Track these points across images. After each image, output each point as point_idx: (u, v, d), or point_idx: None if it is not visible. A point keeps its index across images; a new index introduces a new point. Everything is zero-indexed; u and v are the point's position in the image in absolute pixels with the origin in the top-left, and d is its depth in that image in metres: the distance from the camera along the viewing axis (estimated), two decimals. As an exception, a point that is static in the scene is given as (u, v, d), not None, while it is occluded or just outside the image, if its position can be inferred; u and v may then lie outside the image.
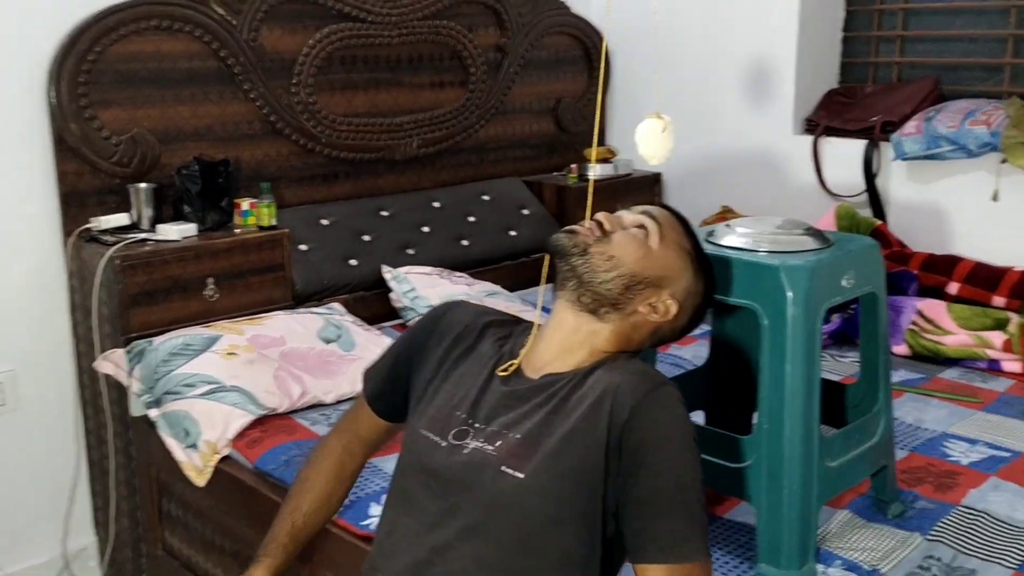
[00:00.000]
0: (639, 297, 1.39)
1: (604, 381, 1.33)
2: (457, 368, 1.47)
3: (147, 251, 2.52)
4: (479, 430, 1.36)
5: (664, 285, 1.41)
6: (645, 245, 1.40)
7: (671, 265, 1.42)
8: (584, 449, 1.27)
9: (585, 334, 1.40)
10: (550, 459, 1.28)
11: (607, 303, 1.39)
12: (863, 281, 1.68)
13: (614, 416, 1.28)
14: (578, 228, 1.41)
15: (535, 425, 1.32)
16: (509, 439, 1.32)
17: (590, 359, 1.40)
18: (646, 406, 1.27)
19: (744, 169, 3.61)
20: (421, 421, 1.43)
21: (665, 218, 1.45)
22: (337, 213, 3.10)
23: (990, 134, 2.84)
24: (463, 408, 1.40)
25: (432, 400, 1.45)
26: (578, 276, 1.38)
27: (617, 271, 1.38)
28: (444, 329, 1.52)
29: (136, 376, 2.41)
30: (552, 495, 1.28)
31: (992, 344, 2.61)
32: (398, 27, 3.19)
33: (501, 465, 1.30)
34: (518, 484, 1.28)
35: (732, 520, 1.83)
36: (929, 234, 3.12)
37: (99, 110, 2.61)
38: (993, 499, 1.89)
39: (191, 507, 2.42)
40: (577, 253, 1.38)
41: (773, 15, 3.42)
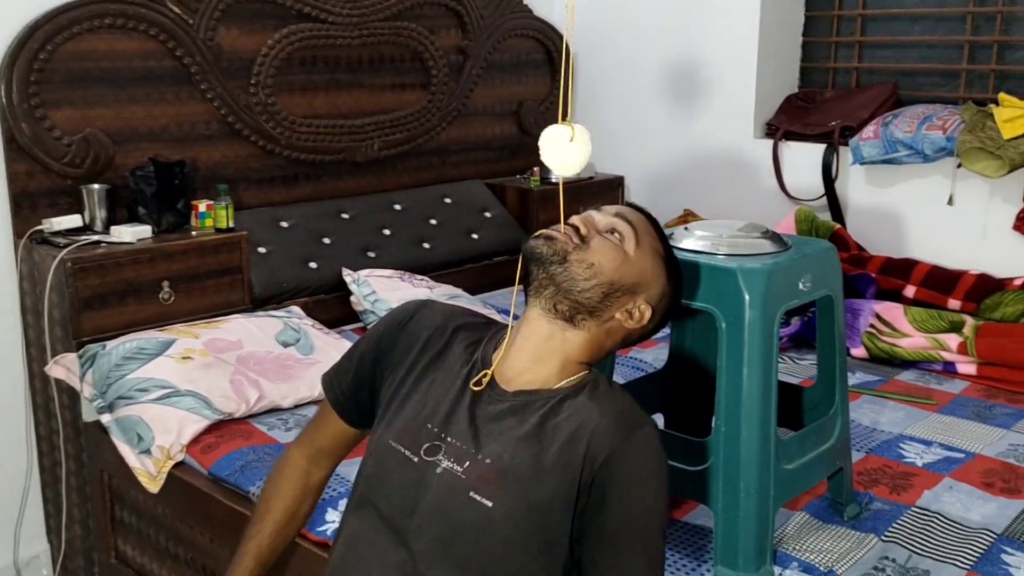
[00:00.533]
0: (616, 304, 1.36)
1: (582, 415, 1.30)
2: (427, 375, 1.41)
3: (100, 253, 2.48)
4: (451, 445, 1.32)
5: (639, 291, 1.38)
6: (622, 251, 1.37)
7: (647, 271, 1.39)
8: (556, 484, 1.25)
9: (558, 342, 1.36)
10: (520, 489, 1.26)
11: (584, 311, 1.35)
12: (820, 284, 1.69)
13: (589, 456, 1.25)
14: (555, 234, 1.36)
15: (507, 451, 1.29)
16: (479, 463, 1.29)
17: (562, 371, 1.36)
18: (624, 451, 1.25)
19: (706, 172, 3.62)
20: (390, 432, 1.38)
21: (639, 221, 1.41)
22: (297, 215, 3.07)
23: (946, 139, 2.88)
24: (434, 421, 1.35)
25: (401, 410, 1.40)
26: (556, 284, 1.34)
27: (597, 279, 1.34)
28: (412, 332, 1.46)
29: (88, 381, 2.36)
30: (519, 525, 1.25)
31: (947, 347, 2.63)
32: (359, 28, 3.17)
33: (470, 491, 1.27)
34: (486, 512, 1.25)
35: (690, 523, 1.83)
36: (887, 238, 3.15)
37: (51, 110, 2.57)
38: (947, 500, 1.90)
39: (144, 514, 2.38)
40: (557, 261, 1.34)
41: (734, 20, 3.44)
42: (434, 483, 1.30)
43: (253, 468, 2.09)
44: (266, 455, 2.16)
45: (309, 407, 2.44)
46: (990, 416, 2.35)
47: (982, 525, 1.81)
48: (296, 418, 2.37)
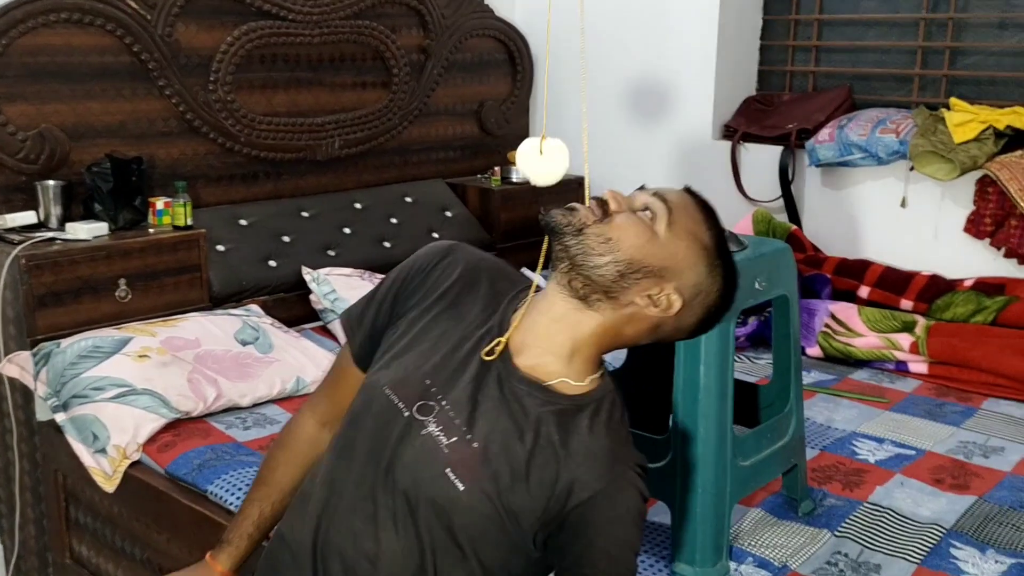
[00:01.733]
0: (636, 287, 1.23)
1: (576, 440, 1.23)
2: (438, 324, 1.32)
3: (55, 251, 2.45)
4: (444, 412, 1.25)
5: (668, 277, 1.24)
6: (650, 230, 1.24)
7: (679, 255, 1.24)
8: (528, 498, 1.21)
9: (570, 323, 1.26)
10: (494, 487, 1.22)
11: (599, 290, 1.24)
12: (775, 284, 1.72)
13: (572, 488, 1.21)
14: (578, 206, 1.27)
15: (496, 442, 1.23)
16: (466, 443, 1.23)
17: (571, 356, 1.27)
18: (608, 492, 1.21)
19: (664, 173, 3.65)
20: (386, 375, 1.30)
21: (680, 202, 1.28)
22: (257, 213, 3.05)
23: (899, 142, 2.93)
24: (435, 379, 1.28)
25: (404, 355, 1.31)
26: (571, 257, 1.23)
27: (612, 255, 1.22)
28: (435, 278, 1.36)
29: (43, 379, 2.33)
30: (483, 519, 1.22)
31: (900, 346, 2.68)
32: (319, 26, 3.16)
33: (447, 467, 1.22)
34: (455, 495, 1.22)
35: (648, 520, 1.84)
36: (842, 239, 3.20)
37: (5, 105, 2.53)
38: (898, 496, 1.94)
39: (100, 514, 2.36)
40: (571, 232, 1.24)
41: (693, 24, 3.47)
42: (416, 445, 1.24)
43: (211, 467, 2.08)
44: (224, 454, 2.15)
45: (268, 406, 2.43)
46: (940, 414, 2.40)
47: (932, 520, 1.85)
48: (255, 417, 2.36)
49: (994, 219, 2.83)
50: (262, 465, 1.51)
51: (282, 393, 2.46)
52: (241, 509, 1.49)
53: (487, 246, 3.53)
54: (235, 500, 1.95)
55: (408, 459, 1.24)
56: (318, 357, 2.61)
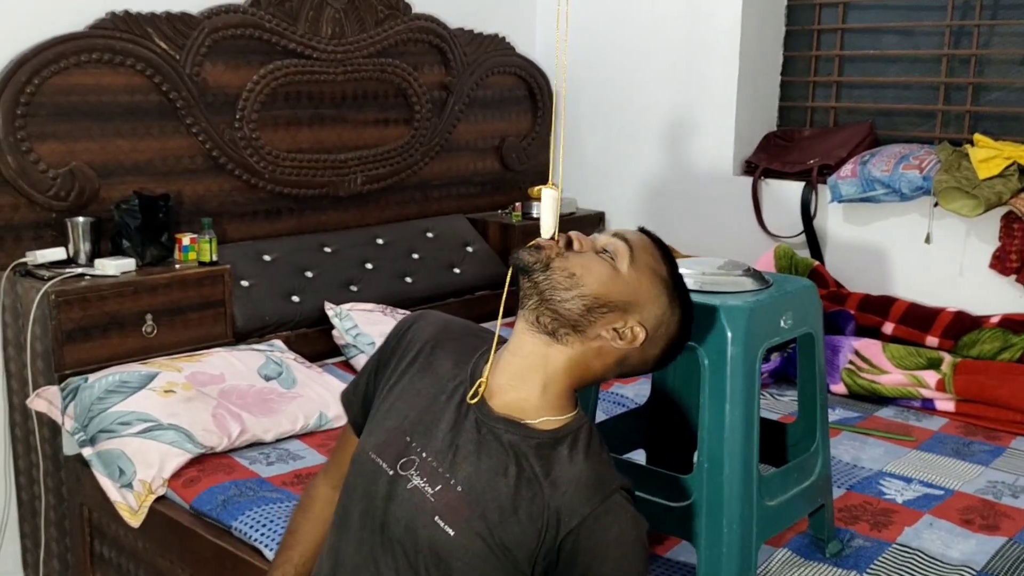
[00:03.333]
0: (602, 320, 1.30)
1: (559, 470, 1.26)
2: (413, 386, 1.39)
3: (84, 286, 2.47)
4: (425, 463, 1.30)
5: (631, 310, 1.31)
6: (612, 267, 1.31)
7: (641, 290, 1.32)
8: (520, 533, 1.23)
9: (540, 358, 1.31)
10: (484, 527, 1.24)
11: (567, 324, 1.29)
12: (801, 321, 1.71)
13: (560, 517, 1.23)
14: (542, 242, 1.33)
15: (480, 482, 1.26)
16: (450, 488, 1.27)
17: (544, 392, 1.31)
18: (597, 517, 1.22)
19: (686, 209, 3.66)
20: (370, 441, 1.37)
21: (640, 241, 1.36)
22: (280, 249, 3.07)
23: (923, 178, 2.93)
24: (413, 434, 1.33)
25: (384, 419, 1.38)
26: (539, 292, 1.29)
27: (578, 290, 1.29)
28: (408, 341, 1.44)
29: (70, 414, 2.35)
30: (478, 560, 1.24)
31: (926, 383, 2.66)
32: (343, 64, 3.20)
33: (435, 515, 1.26)
34: (447, 540, 1.24)
35: (672, 559, 1.83)
36: (865, 275, 3.19)
37: (36, 143, 2.57)
38: (927, 537, 1.92)
39: (124, 549, 2.36)
40: (539, 269, 1.30)
41: (714, 60, 3.50)
42: (405, 498, 1.28)
43: (235, 503, 2.08)
44: (248, 489, 2.15)
45: (291, 441, 2.44)
46: (968, 453, 2.37)
47: (962, 562, 1.82)
48: (278, 452, 2.37)
49: (1020, 255, 2.81)
50: (286, 533, 1.57)
51: (305, 428, 2.47)
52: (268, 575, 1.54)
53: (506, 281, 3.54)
54: (259, 536, 1.95)
55: (399, 514, 1.28)
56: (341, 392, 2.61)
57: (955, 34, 3.21)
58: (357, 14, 3.22)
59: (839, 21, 3.45)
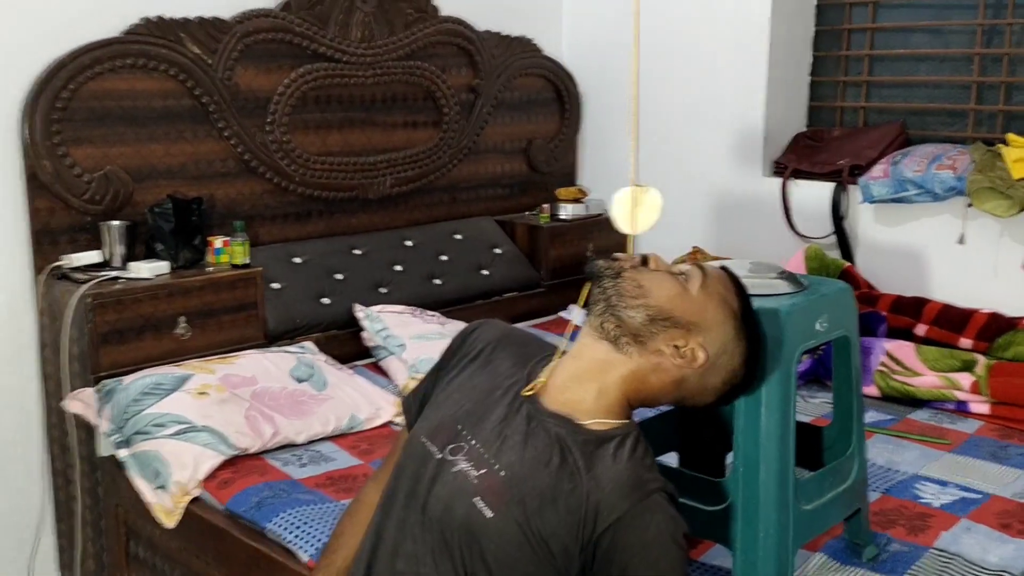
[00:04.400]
0: (663, 335, 1.34)
1: (602, 467, 1.29)
2: (471, 380, 1.46)
3: (118, 289, 2.50)
4: (473, 448, 1.35)
5: (694, 331, 1.35)
6: (682, 286, 1.37)
7: (707, 313, 1.37)
8: (556, 523, 1.26)
9: (599, 364, 1.36)
10: (521, 512, 1.27)
11: (628, 333, 1.34)
12: (836, 324, 1.70)
13: (598, 512, 1.25)
14: (620, 255, 1.41)
15: (523, 469, 1.30)
16: (494, 472, 1.31)
17: (598, 398, 1.35)
18: (634, 515, 1.25)
19: (714, 210, 3.65)
20: (424, 426, 1.43)
21: (715, 272, 1.43)
22: (310, 251, 3.09)
23: (956, 178, 2.90)
24: (465, 422, 1.39)
25: (440, 406, 1.45)
26: (606, 299, 1.35)
27: (643, 300, 1.34)
28: (469, 344, 1.53)
29: (106, 415, 2.38)
30: (512, 545, 1.26)
31: (960, 386, 2.64)
32: (373, 67, 3.21)
33: (475, 496, 1.29)
34: (484, 522, 1.28)
35: (707, 563, 1.83)
36: (897, 276, 3.16)
37: (72, 147, 2.60)
38: (965, 541, 1.90)
39: (159, 549, 2.38)
40: (610, 275, 1.36)
41: (742, 60, 3.48)
42: (448, 480, 1.33)
43: (269, 504, 2.09)
44: (281, 491, 2.16)
45: (322, 443, 2.45)
46: (1005, 456, 2.35)
47: (1001, 567, 1.80)
48: (310, 454, 2.38)
49: (1055, 256, 2.78)
50: (332, 535, 1.61)
51: (337, 430, 2.48)
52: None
53: (535, 283, 3.54)
54: (293, 538, 1.96)
55: (441, 494, 1.32)
56: (371, 394, 2.63)
57: (987, 33, 3.18)
58: (386, 17, 3.23)
59: (869, 20, 3.43)
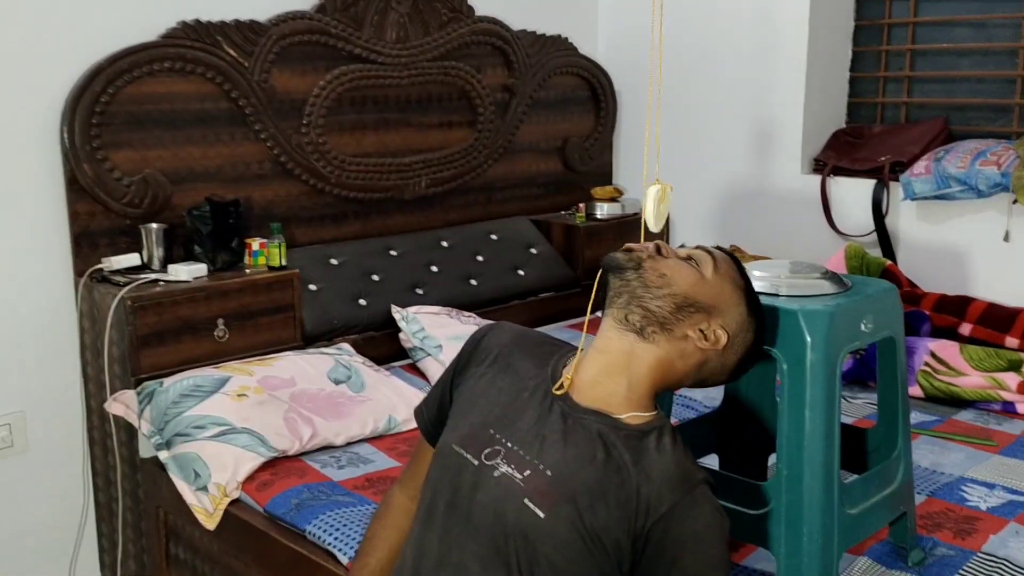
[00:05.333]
0: (689, 320, 1.37)
1: (647, 461, 1.30)
2: (495, 384, 1.45)
3: (158, 292, 2.52)
4: (511, 452, 1.34)
5: (715, 314, 1.39)
6: (698, 272, 1.40)
7: (724, 295, 1.41)
8: (607, 518, 1.26)
9: (626, 356, 1.37)
10: (572, 510, 1.27)
11: (655, 322, 1.36)
12: (882, 325, 1.67)
13: (649, 505, 1.26)
14: (634, 245, 1.42)
15: (569, 467, 1.30)
16: (540, 472, 1.30)
17: (629, 392, 1.37)
18: (684, 506, 1.27)
19: (752, 208, 3.61)
20: (454, 435, 1.42)
21: (719, 254, 1.46)
22: (346, 253, 3.10)
23: (1000, 175, 2.84)
24: (497, 427, 1.38)
25: (467, 414, 1.43)
26: (630, 291, 1.37)
27: (669, 288, 1.37)
28: (484, 348, 1.52)
29: (146, 417, 2.39)
30: (566, 543, 1.26)
31: (1007, 386, 2.59)
32: (408, 68, 3.21)
33: (524, 497, 1.29)
34: (537, 523, 1.27)
35: (750, 567, 1.80)
36: (940, 274, 3.11)
37: (111, 151, 2.62)
38: (1014, 546, 1.86)
39: (199, 551, 2.40)
40: (632, 267, 1.38)
41: (781, 55, 3.44)
42: (491, 486, 1.32)
43: (308, 506, 2.10)
44: (320, 493, 2.17)
45: (361, 444, 2.45)
46: (1053, 458, 2.30)
47: (1051, 572, 1.77)
48: (348, 456, 2.38)
49: (1103, 253, 2.72)
50: (363, 540, 1.62)
51: (375, 432, 2.48)
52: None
53: (572, 282, 3.53)
54: (333, 540, 1.97)
55: (486, 501, 1.31)
56: (409, 395, 2.63)
57: (1032, 26, 3.12)
58: (421, 18, 3.23)
59: (910, 15, 3.37)
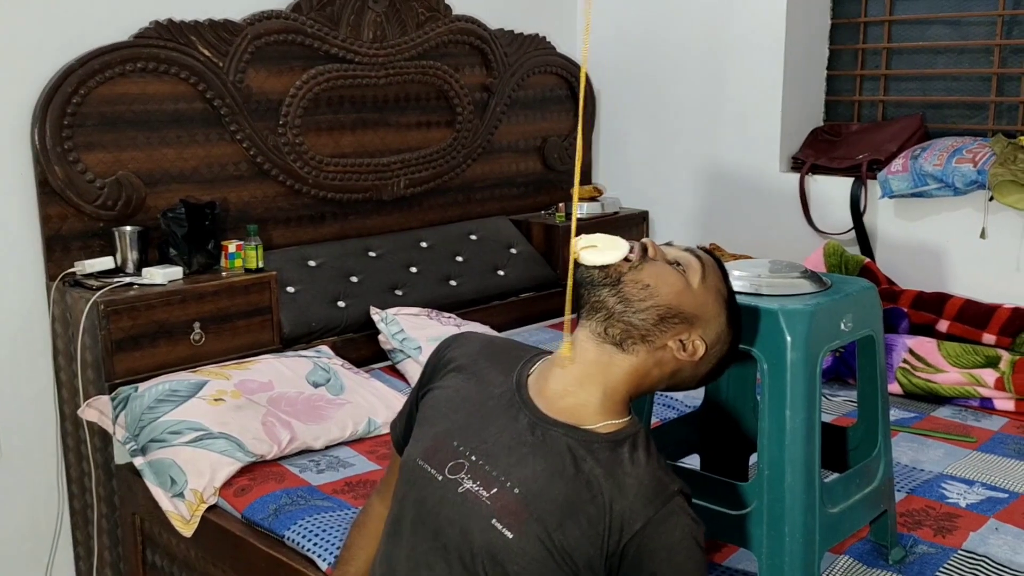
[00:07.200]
0: (671, 331, 1.31)
1: (619, 473, 1.25)
2: (459, 393, 1.39)
3: (132, 295, 2.49)
4: (476, 466, 1.28)
5: (696, 324, 1.33)
6: (683, 280, 1.33)
7: (707, 306, 1.34)
8: (580, 535, 1.21)
9: (602, 367, 1.30)
10: (542, 529, 1.22)
11: (637, 335, 1.30)
12: (861, 324, 1.67)
13: (623, 520, 1.22)
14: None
15: (536, 483, 1.25)
16: (506, 490, 1.25)
17: (603, 401, 1.30)
18: (660, 519, 1.22)
19: (731, 207, 3.61)
20: (417, 448, 1.36)
21: (708, 260, 1.40)
22: (325, 254, 3.07)
23: (977, 172, 2.86)
24: (461, 437, 1.32)
25: (432, 424, 1.38)
26: (607, 308, 1.29)
27: (652, 300, 1.29)
28: (448, 358, 1.46)
29: (121, 423, 2.36)
30: (537, 563, 1.22)
31: (984, 382, 2.60)
32: (385, 68, 3.19)
33: (492, 518, 1.24)
34: (505, 543, 1.22)
35: (731, 567, 1.80)
36: (918, 271, 3.13)
37: (83, 153, 2.59)
38: (994, 542, 1.87)
39: (176, 558, 2.37)
40: (610, 284, 1.30)
41: (758, 54, 3.44)
42: (457, 502, 1.27)
43: (287, 512, 2.08)
44: (299, 498, 2.14)
45: (340, 448, 2.43)
46: (1031, 454, 2.31)
47: (1031, 569, 1.77)
48: (328, 459, 2.36)
49: (1080, 250, 2.74)
50: (342, 549, 1.59)
51: (354, 435, 2.46)
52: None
53: (552, 282, 3.52)
54: (312, 546, 1.94)
55: (453, 518, 1.26)
56: (389, 398, 2.61)
57: (1007, 24, 3.13)
58: (398, 17, 3.21)
59: (886, 13, 3.39)
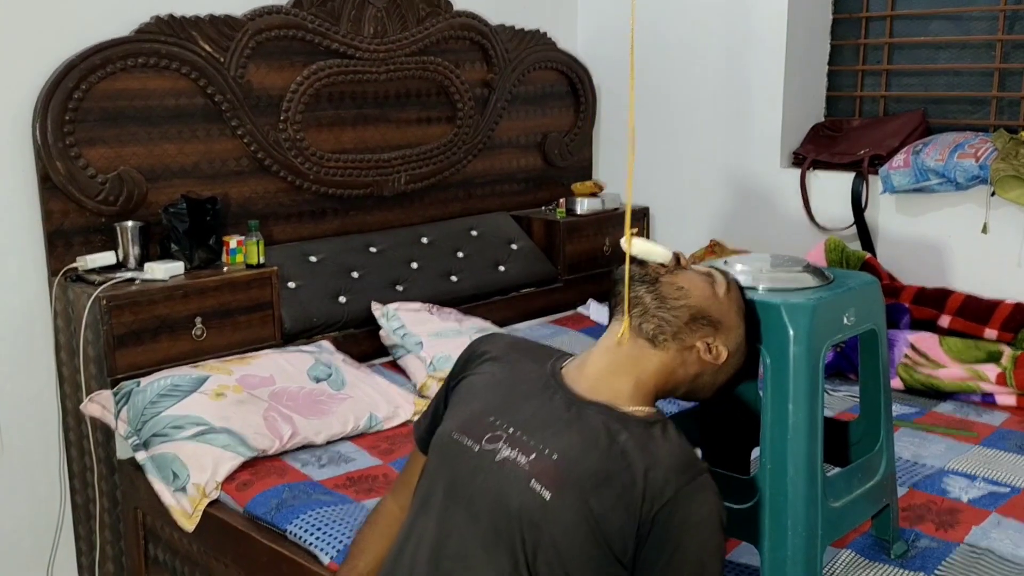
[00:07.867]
0: (700, 332, 1.41)
1: (651, 447, 1.31)
2: (495, 376, 1.47)
3: (134, 291, 2.49)
4: (514, 437, 1.35)
5: (720, 331, 1.43)
6: (712, 288, 1.44)
7: (730, 316, 1.45)
8: (615, 501, 1.26)
9: (634, 360, 1.40)
10: (579, 492, 1.27)
11: (669, 331, 1.40)
12: (864, 318, 1.67)
13: (654, 489, 1.27)
14: (650, 258, 1.45)
15: (574, 450, 1.31)
16: (545, 457, 1.31)
17: (634, 392, 1.39)
18: (688, 493, 1.28)
19: (732, 202, 3.61)
20: (451, 424, 1.43)
21: (732, 278, 1.52)
22: (326, 250, 3.07)
23: (979, 167, 2.85)
24: (497, 413, 1.39)
25: (465, 406, 1.45)
26: (645, 305, 1.40)
27: (685, 300, 1.40)
28: (481, 353, 1.53)
29: (123, 418, 2.36)
30: (573, 525, 1.27)
31: (986, 377, 2.60)
32: (386, 63, 3.19)
33: (531, 479, 1.29)
34: (543, 504, 1.27)
35: (734, 561, 1.80)
36: (919, 267, 3.12)
37: (85, 148, 2.58)
38: (996, 537, 1.87)
39: (178, 552, 2.37)
40: (648, 281, 1.41)
41: (759, 49, 3.44)
42: (493, 470, 1.32)
43: (289, 506, 2.08)
44: (301, 493, 2.14)
45: (342, 443, 2.43)
46: (1033, 449, 2.31)
47: (1033, 562, 1.77)
48: (329, 454, 2.36)
49: (1081, 245, 2.74)
50: (352, 544, 1.62)
51: (356, 430, 2.46)
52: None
53: (552, 278, 3.52)
54: (314, 540, 1.95)
55: (489, 485, 1.31)
56: (390, 393, 2.61)
57: (1009, 19, 3.13)
58: (399, 12, 3.20)
59: (887, 8, 3.38)
